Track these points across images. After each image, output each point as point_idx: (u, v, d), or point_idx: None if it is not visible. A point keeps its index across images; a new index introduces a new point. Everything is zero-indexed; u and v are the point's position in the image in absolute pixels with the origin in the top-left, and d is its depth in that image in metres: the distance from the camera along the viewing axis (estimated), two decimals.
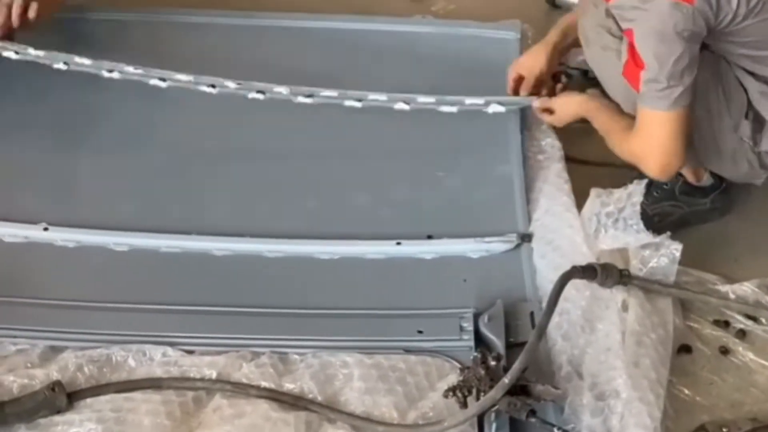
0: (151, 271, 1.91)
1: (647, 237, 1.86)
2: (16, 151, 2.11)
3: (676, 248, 1.84)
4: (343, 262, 1.94)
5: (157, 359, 1.74)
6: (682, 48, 1.72)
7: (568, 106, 2.04)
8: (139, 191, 2.06)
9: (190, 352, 1.76)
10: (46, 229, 1.94)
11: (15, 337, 1.76)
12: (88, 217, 1.97)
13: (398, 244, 1.95)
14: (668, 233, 1.87)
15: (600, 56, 1.94)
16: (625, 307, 1.77)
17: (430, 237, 1.97)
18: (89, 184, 2.07)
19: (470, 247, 1.95)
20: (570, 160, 2.09)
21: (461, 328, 1.78)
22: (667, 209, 2.00)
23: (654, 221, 1.95)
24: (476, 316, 1.79)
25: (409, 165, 2.12)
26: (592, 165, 2.13)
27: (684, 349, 1.81)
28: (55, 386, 1.65)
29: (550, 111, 2.07)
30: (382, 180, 2.09)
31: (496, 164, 2.10)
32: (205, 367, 1.73)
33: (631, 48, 1.80)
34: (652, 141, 1.82)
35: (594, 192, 1.95)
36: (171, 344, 1.76)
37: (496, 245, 1.94)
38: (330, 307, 1.84)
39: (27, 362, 1.74)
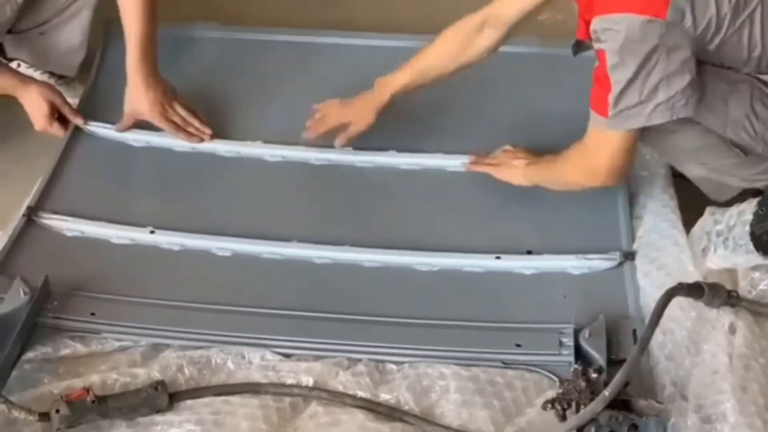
0: (252, 276, 1.93)
1: (758, 258, 1.80)
2: (124, 156, 2.18)
3: None
4: (441, 273, 1.93)
5: (255, 363, 1.76)
6: (655, 61, 1.66)
7: (515, 179, 2.02)
8: (241, 199, 2.09)
9: (288, 356, 1.77)
10: (152, 232, 1.99)
11: (120, 333, 1.80)
12: (193, 222, 2.01)
13: (498, 258, 1.94)
14: None
15: None
16: (732, 330, 1.71)
17: (529, 252, 1.95)
18: (195, 191, 2.11)
19: (571, 264, 1.92)
20: (676, 175, 2.03)
21: (561, 343, 1.75)
22: None
23: (763, 240, 1.88)
24: (577, 332, 1.76)
25: None
26: None
27: None
28: (158, 385, 1.68)
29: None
30: (483, 193, 2.08)
31: None
32: (302, 372, 1.74)
33: (598, 74, 1.74)
34: (599, 157, 1.80)
35: (708, 210, 1.89)
36: (269, 347, 1.77)
37: (598, 263, 1.91)
38: (428, 317, 1.83)
39: (130, 360, 1.78)
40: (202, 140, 2.17)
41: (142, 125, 2.19)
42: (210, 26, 2.48)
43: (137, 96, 2.14)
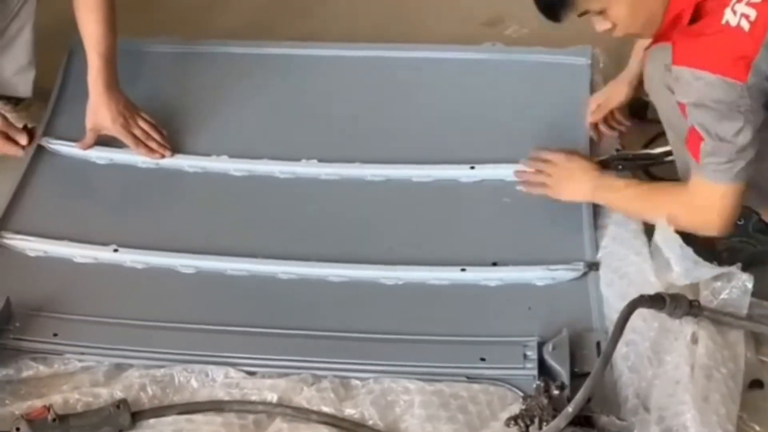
0: (217, 293, 1.93)
1: (718, 269, 1.80)
2: (87, 174, 2.16)
3: (747, 280, 1.78)
4: (406, 287, 1.93)
5: (219, 380, 1.75)
6: (741, 123, 1.61)
7: (575, 196, 1.94)
8: (206, 215, 2.09)
9: (252, 374, 1.76)
10: (116, 250, 1.98)
11: (82, 353, 1.79)
12: (157, 240, 2.00)
13: (463, 270, 1.93)
14: (739, 264, 1.80)
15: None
16: (694, 340, 1.71)
17: (495, 264, 1.95)
18: (158, 208, 2.10)
19: (536, 275, 1.92)
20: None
21: (525, 357, 1.75)
22: (737, 245, 1.93)
23: (722, 257, 1.88)
24: (540, 345, 1.76)
25: (476, 190, 2.10)
26: None
27: (756, 384, 1.74)
28: (120, 404, 1.67)
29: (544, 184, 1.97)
30: (448, 205, 2.08)
31: None
32: (267, 389, 1.73)
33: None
34: (712, 212, 1.73)
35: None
36: (233, 365, 1.77)
37: (563, 273, 1.91)
38: (392, 332, 1.83)
39: (92, 380, 1.77)
40: (163, 156, 2.16)
41: (105, 142, 2.17)
42: (175, 40, 2.47)
43: (99, 108, 2.13)
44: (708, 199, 1.73)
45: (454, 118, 2.24)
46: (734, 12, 1.56)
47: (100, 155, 2.17)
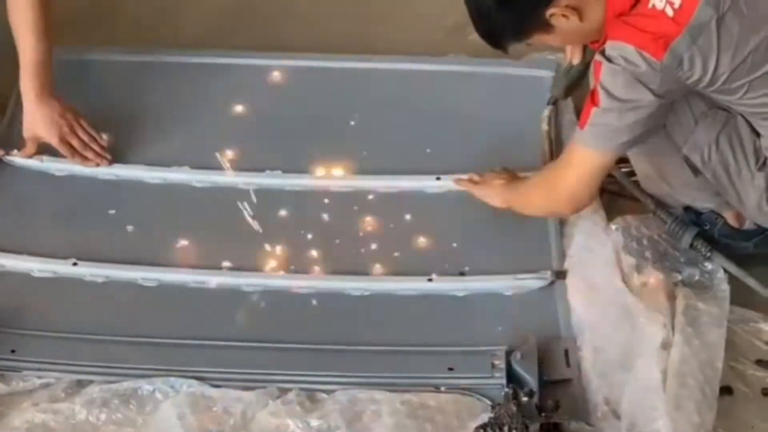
0: (180, 306, 1.89)
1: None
2: (45, 186, 2.12)
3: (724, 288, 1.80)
4: (373, 298, 1.91)
5: (183, 391, 1.72)
6: (643, 96, 1.66)
7: (491, 199, 1.98)
8: (167, 227, 2.05)
9: (217, 386, 1.73)
10: (75, 264, 1.94)
11: (41, 370, 1.75)
12: (117, 253, 1.97)
13: (430, 280, 1.92)
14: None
15: None
16: (665, 345, 1.71)
17: (462, 273, 1.94)
18: (118, 220, 2.06)
19: (503, 284, 1.91)
20: (606, 192, 2.04)
21: (493, 366, 1.73)
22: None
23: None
24: (509, 354, 1.75)
25: (442, 201, 2.09)
26: (628, 198, 2.06)
27: (725, 390, 1.74)
28: None
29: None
30: (415, 215, 2.06)
31: None
32: (233, 401, 1.71)
33: (593, 89, 1.72)
34: (579, 180, 1.76)
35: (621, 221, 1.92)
36: (198, 379, 1.74)
37: (530, 282, 1.90)
38: (360, 344, 1.81)
39: (51, 396, 1.73)
40: (98, 165, 2.12)
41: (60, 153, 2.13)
42: (137, 50, 2.43)
43: (32, 116, 2.08)
44: (581, 164, 1.75)
45: (420, 129, 2.23)
46: None
47: (60, 167, 2.13)
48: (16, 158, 2.14)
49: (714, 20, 1.62)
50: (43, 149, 2.14)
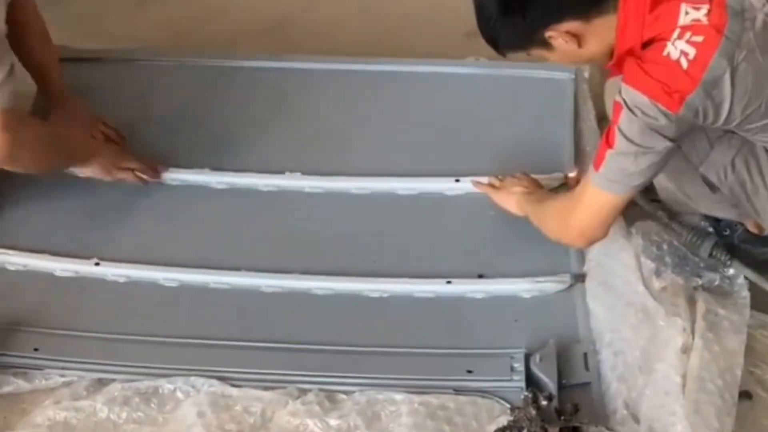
0: (200, 307, 1.90)
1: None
2: (68, 186, 2.13)
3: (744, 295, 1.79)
4: (392, 300, 1.91)
5: (204, 391, 1.73)
6: (658, 144, 1.64)
7: (508, 205, 1.99)
8: (189, 227, 2.06)
9: (237, 386, 1.74)
10: (97, 264, 1.96)
11: (63, 368, 1.76)
12: (139, 253, 1.98)
13: (448, 282, 1.92)
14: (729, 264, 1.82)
15: None
16: (684, 349, 1.71)
17: (481, 276, 1.94)
18: (140, 220, 2.08)
19: (522, 287, 1.91)
20: None
21: (512, 369, 1.74)
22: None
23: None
24: (528, 357, 1.75)
25: (461, 203, 2.09)
26: (646, 203, 2.06)
27: (744, 395, 1.74)
28: None
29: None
30: (433, 218, 2.07)
31: None
32: (252, 400, 1.72)
33: (610, 128, 1.69)
34: (591, 219, 1.75)
35: (641, 226, 1.91)
36: (219, 379, 1.75)
37: (549, 285, 1.90)
38: (379, 345, 1.81)
39: (73, 394, 1.74)
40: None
41: None
42: (157, 52, 2.45)
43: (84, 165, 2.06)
44: (589, 202, 1.74)
45: (439, 131, 2.24)
46: (675, 47, 1.60)
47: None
48: None
49: (728, 72, 1.59)
50: None
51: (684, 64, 1.59)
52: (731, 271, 1.88)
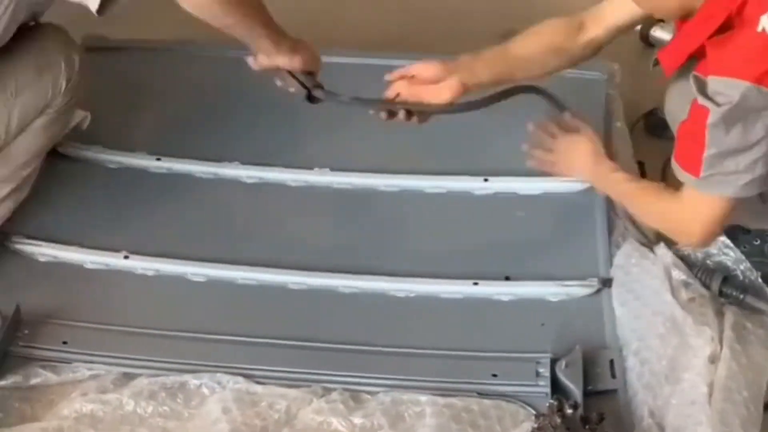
0: (227, 303, 1.91)
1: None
2: (99, 178, 2.15)
3: None
4: (417, 300, 1.91)
5: (229, 387, 1.74)
6: (762, 134, 1.53)
7: (572, 172, 1.91)
8: (217, 222, 2.07)
9: (262, 383, 1.75)
10: (126, 257, 1.96)
11: (91, 362, 1.78)
12: (168, 247, 1.99)
13: (475, 284, 1.92)
14: None
15: None
16: (712, 359, 1.69)
17: (507, 278, 1.93)
18: (169, 214, 2.09)
19: (549, 291, 1.90)
20: None
21: (537, 374, 1.73)
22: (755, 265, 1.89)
23: None
24: (553, 362, 1.74)
25: (488, 204, 2.09)
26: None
27: None
28: None
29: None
30: (461, 217, 2.06)
31: (578, 204, 2.05)
32: (277, 397, 1.72)
33: (690, 127, 1.60)
34: (696, 223, 1.68)
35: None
36: (243, 375, 1.75)
37: (576, 289, 1.89)
38: (404, 346, 1.81)
39: (99, 387, 1.76)
40: None
41: (116, 146, 2.16)
42: (184, 43, 2.45)
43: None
44: (698, 209, 1.66)
45: (469, 130, 2.22)
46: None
47: (113, 159, 2.16)
48: (72, 150, 2.17)
49: None
50: (97, 140, 2.17)
51: None
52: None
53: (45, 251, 1.97)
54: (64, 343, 1.79)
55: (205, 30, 2.49)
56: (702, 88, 1.56)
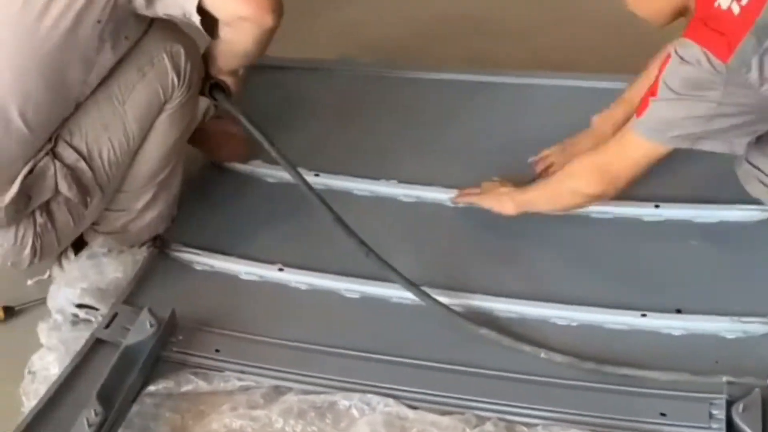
0: (381, 321, 1.86)
1: None
2: (258, 192, 2.15)
3: None
4: (580, 329, 1.81)
5: (379, 410, 1.68)
6: (702, 101, 1.60)
7: (501, 205, 1.95)
8: (373, 240, 1.97)
9: (414, 408, 1.68)
10: (281, 269, 1.95)
11: (242, 372, 1.76)
12: (322, 262, 1.96)
13: (643, 315, 1.80)
14: None
15: None
16: None
17: (679, 311, 1.80)
18: (326, 229, 2.04)
19: (725, 326, 1.76)
20: None
21: (711, 416, 1.60)
22: None
23: None
24: (729, 404, 1.60)
25: (659, 231, 1.97)
26: None
27: None
28: None
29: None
30: (629, 244, 1.95)
31: (757, 235, 1.91)
32: (428, 425, 1.65)
33: (657, 76, 1.68)
34: (630, 168, 1.74)
35: None
36: (395, 397, 1.69)
37: (756, 327, 1.75)
38: (565, 377, 1.71)
39: (250, 401, 1.73)
40: None
41: (274, 161, 2.15)
42: (354, 62, 2.47)
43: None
44: (630, 149, 1.73)
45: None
46: None
47: (272, 173, 2.16)
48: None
49: None
50: (257, 155, 2.18)
51: (736, 9, 1.55)
52: None
53: (202, 260, 1.98)
54: (217, 351, 1.78)
55: (364, 50, 2.54)
56: (674, 45, 1.66)
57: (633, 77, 2.06)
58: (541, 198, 1.91)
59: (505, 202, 1.95)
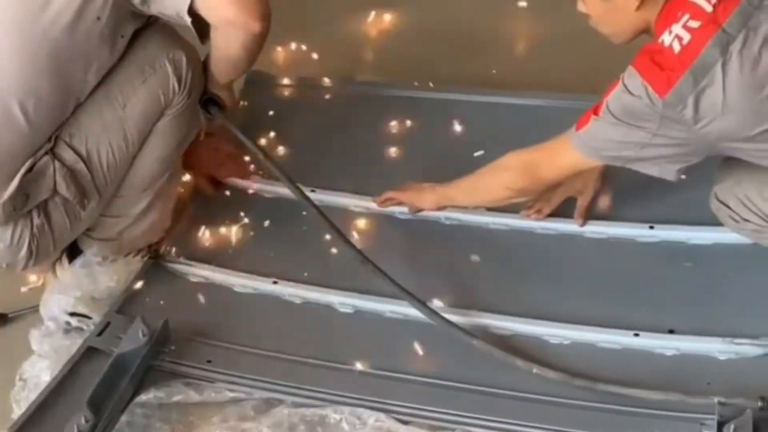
0: (374, 335, 1.86)
1: None
2: (254, 206, 2.15)
3: None
4: (573, 347, 1.81)
5: (369, 424, 1.68)
6: (636, 131, 1.65)
7: (421, 201, 2.01)
8: (369, 255, 2.01)
9: (405, 423, 1.68)
10: (275, 282, 1.95)
11: (233, 383, 1.76)
12: (316, 276, 1.97)
13: (636, 335, 1.80)
14: None
15: None
16: None
17: (671, 331, 1.80)
18: (321, 244, 2.05)
19: (717, 347, 1.76)
20: None
21: None
22: None
23: None
24: (720, 425, 1.60)
25: (653, 251, 1.97)
26: None
27: None
28: None
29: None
30: (623, 264, 1.95)
31: (751, 257, 1.90)
32: None
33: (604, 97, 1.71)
34: (557, 172, 1.81)
35: None
36: (386, 411, 1.70)
37: (748, 348, 1.75)
38: (559, 396, 1.71)
39: (241, 414, 1.73)
40: None
41: (275, 177, 2.16)
42: (352, 80, 2.47)
43: None
44: (562, 156, 1.78)
45: (635, 174, 2.11)
46: (670, 32, 1.61)
47: (269, 189, 2.17)
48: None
49: (719, 64, 1.56)
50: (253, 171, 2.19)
51: (676, 48, 1.60)
52: None
53: (197, 272, 1.99)
54: (209, 362, 1.79)
55: (361, 67, 2.55)
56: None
57: None
58: (465, 191, 1.94)
59: (425, 195, 1.99)
